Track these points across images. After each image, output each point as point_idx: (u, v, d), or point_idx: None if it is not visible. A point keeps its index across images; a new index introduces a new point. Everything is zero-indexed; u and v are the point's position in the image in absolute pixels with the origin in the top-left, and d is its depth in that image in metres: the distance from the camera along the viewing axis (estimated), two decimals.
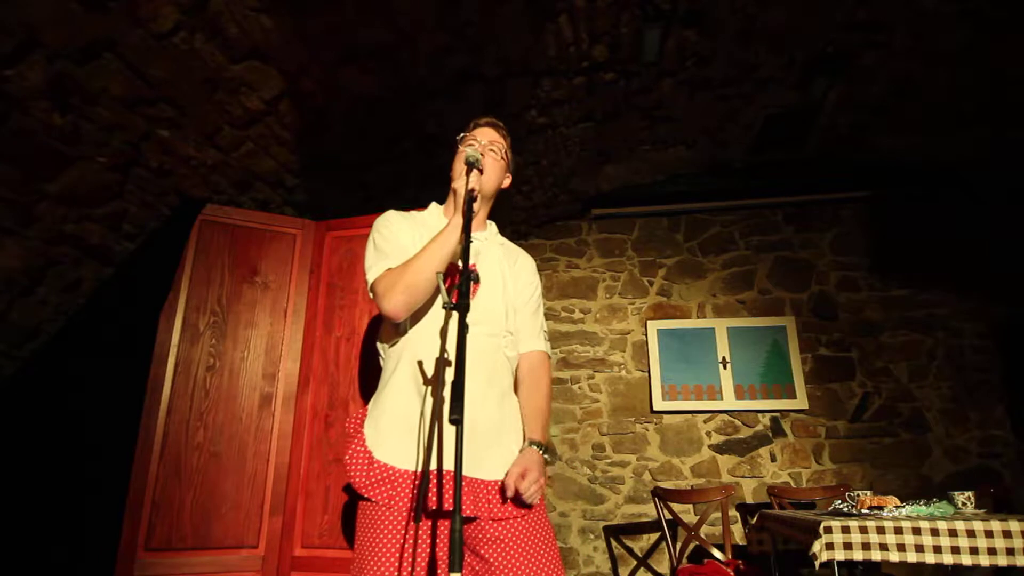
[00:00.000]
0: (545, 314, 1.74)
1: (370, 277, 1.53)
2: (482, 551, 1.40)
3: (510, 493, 1.40)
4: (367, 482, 1.41)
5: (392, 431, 1.45)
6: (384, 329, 1.62)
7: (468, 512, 1.35)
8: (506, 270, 1.67)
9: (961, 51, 2.94)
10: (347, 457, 1.46)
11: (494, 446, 1.47)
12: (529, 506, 1.43)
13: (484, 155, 1.59)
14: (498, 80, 2.80)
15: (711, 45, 2.93)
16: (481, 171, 1.55)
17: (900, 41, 2.94)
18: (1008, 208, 3.97)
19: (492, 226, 1.73)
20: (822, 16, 2.78)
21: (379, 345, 1.63)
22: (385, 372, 1.57)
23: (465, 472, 1.36)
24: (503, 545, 1.39)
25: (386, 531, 1.36)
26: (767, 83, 3.28)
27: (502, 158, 1.66)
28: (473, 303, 1.48)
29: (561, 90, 3.04)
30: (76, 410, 2.92)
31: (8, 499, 2.72)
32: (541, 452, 1.49)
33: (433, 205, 1.75)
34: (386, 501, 1.37)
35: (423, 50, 2.47)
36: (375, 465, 1.42)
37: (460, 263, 1.31)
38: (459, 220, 1.42)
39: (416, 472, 1.39)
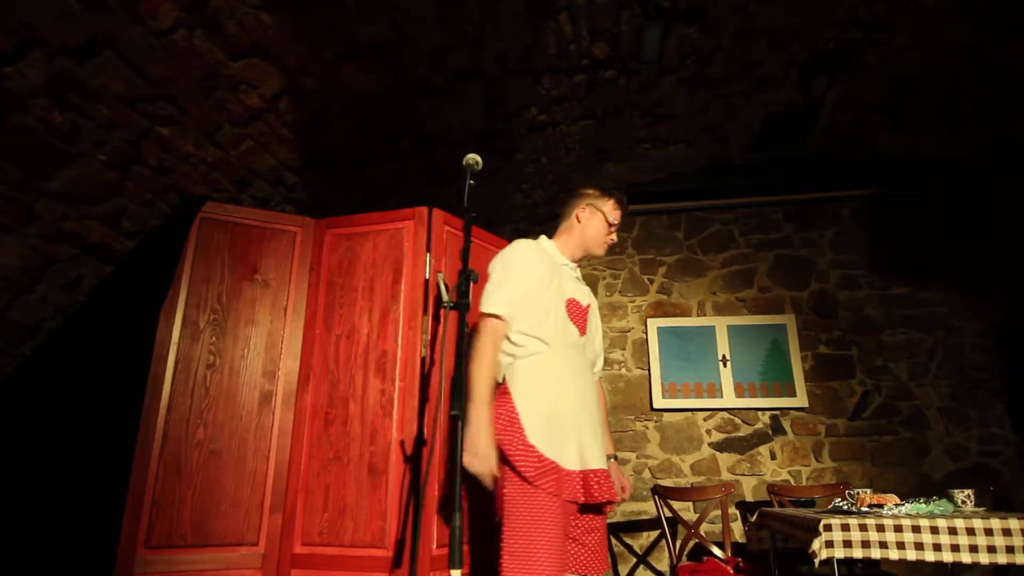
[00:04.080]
0: None
1: (485, 308, 1.74)
2: (584, 539, 1.67)
3: (618, 501, 1.78)
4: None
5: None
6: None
7: (606, 497, 1.64)
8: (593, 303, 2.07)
9: (961, 50, 2.94)
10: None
11: (602, 445, 1.78)
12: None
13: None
14: (498, 78, 2.80)
15: (711, 43, 2.92)
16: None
17: (901, 40, 2.93)
18: (1008, 208, 3.96)
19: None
20: (823, 14, 2.78)
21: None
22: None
23: (599, 466, 1.68)
24: (597, 534, 1.69)
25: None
26: (767, 81, 3.28)
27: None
28: (587, 338, 1.93)
29: (561, 88, 3.03)
30: (76, 408, 2.92)
31: (8, 497, 2.72)
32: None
33: (543, 238, 2.13)
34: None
35: (423, 48, 2.46)
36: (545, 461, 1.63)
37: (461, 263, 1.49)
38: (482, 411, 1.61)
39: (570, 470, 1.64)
